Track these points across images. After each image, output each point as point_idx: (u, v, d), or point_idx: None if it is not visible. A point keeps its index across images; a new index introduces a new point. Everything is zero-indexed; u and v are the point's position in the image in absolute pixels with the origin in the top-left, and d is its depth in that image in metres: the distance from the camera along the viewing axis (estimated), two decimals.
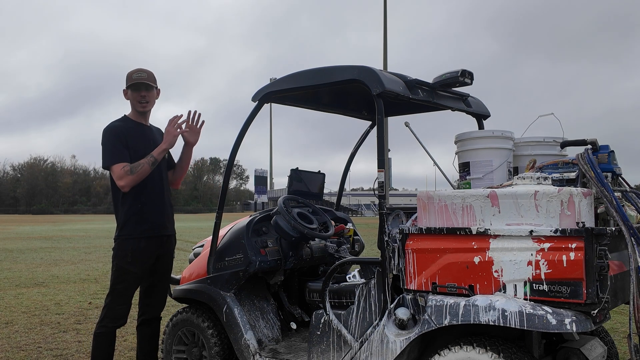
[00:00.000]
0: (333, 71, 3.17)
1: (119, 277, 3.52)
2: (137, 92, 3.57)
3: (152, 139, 3.65)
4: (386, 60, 25.88)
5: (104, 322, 3.51)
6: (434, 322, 2.66)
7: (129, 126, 3.60)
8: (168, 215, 3.67)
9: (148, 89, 3.58)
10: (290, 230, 3.65)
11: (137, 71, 3.58)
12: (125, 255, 3.49)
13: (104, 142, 3.51)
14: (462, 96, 3.61)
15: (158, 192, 3.61)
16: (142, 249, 3.50)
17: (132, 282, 3.55)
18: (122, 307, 3.54)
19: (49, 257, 13.59)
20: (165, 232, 3.64)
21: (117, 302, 3.52)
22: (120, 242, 3.53)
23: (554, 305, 2.42)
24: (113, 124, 3.60)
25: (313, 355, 3.17)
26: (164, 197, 3.65)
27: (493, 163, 3.11)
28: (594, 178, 2.65)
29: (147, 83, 3.55)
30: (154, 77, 3.63)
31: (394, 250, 2.87)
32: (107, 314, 3.52)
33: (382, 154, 2.97)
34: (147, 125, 3.71)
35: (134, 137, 3.56)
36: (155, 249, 3.59)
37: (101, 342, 3.51)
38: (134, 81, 3.54)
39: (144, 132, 3.65)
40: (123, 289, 3.52)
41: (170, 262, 3.77)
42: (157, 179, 3.61)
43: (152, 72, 3.62)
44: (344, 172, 4.66)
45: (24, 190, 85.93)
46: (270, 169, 56.04)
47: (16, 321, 6.28)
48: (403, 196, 66.88)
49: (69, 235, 22.54)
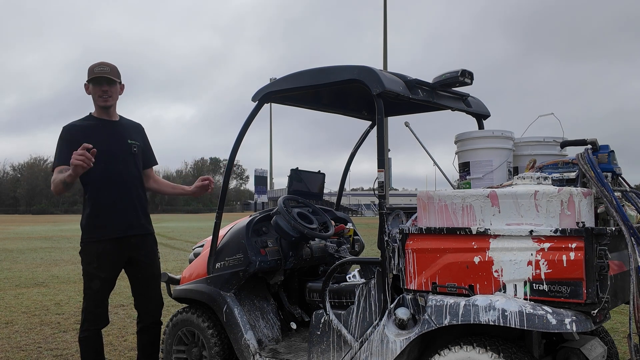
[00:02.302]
0: (333, 71, 3.17)
1: (88, 282, 3.42)
2: (99, 86, 3.41)
3: (117, 134, 3.50)
4: (386, 60, 25.90)
5: (84, 326, 3.44)
6: (434, 322, 2.66)
7: (89, 124, 3.46)
8: (136, 215, 3.50)
9: (110, 83, 3.42)
10: (290, 230, 3.65)
11: (99, 65, 3.42)
12: (92, 260, 3.38)
13: (58, 143, 3.40)
14: (462, 96, 3.61)
15: (123, 191, 3.45)
16: (107, 252, 3.37)
17: (102, 285, 3.42)
18: (98, 309, 3.44)
19: (49, 257, 13.60)
20: (132, 232, 3.47)
21: (92, 306, 3.42)
22: (84, 246, 3.42)
23: (554, 305, 2.42)
24: (70, 124, 3.48)
25: (313, 355, 3.17)
26: (130, 196, 3.48)
27: (493, 163, 3.11)
28: (594, 178, 2.65)
29: (108, 77, 3.39)
30: (118, 71, 3.48)
31: (394, 250, 2.87)
32: (86, 318, 3.43)
33: (382, 154, 2.97)
34: (112, 120, 3.54)
35: (92, 134, 3.38)
36: (124, 251, 3.45)
37: (87, 345, 3.45)
38: (96, 75, 3.38)
39: (106, 128, 3.48)
40: (94, 293, 3.41)
41: (151, 268, 3.61)
42: (122, 176, 3.44)
43: (115, 67, 3.47)
44: (344, 172, 4.66)
45: (24, 190, 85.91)
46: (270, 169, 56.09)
47: (16, 321, 6.28)
48: (403, 196, 66.89)
49: (69, 235, 22.54)
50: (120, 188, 3.44)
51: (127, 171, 3.49)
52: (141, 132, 3.73)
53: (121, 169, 3.45)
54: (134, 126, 3.69)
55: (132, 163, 3.53)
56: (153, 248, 3.66)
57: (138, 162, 3.58)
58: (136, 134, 3.64)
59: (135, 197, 3.52)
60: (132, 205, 3.49)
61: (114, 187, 3.42)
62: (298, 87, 3.33)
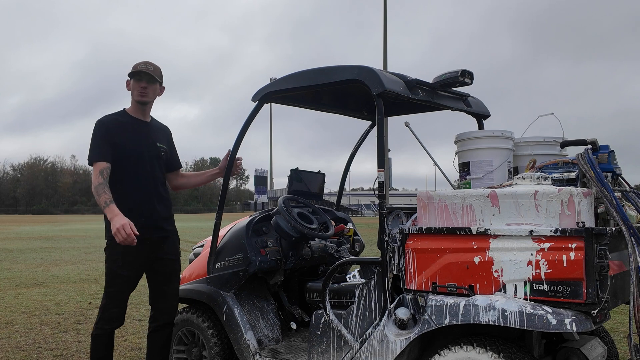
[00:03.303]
0: (333, 71, 3.17)
1: (111, 281, 3.41)
2: (139, 82, 3.43)
3: (147, 136, 3.51)
4: (386, 60, 25.87)
5: (99, 324, 3.43)
6: (434, 322, 2.66)
7: (124, 120, 3.47)
8: (161, 217, 3.51)
9: (150, 81, 3.44)
10: (290, 230, 3.65)
11: (144, 62, 3.47)
12: (116, 259, 3.37)
13: (92, 136, 3.39)
14: (462, 96, 3.61)
15: (149, 192, 3.45)
16: (132, 251, 3.35)
17: (125, 285, 3.42)
18: (116, 310, 3.42)
19: (49, 257, 13.59)
20: (157, 234, 3.48)
21: (111, 305, 3.41)
22: (110, 243, 3.40)
23: (554, 305, 2.42)
24: (106, 117, 3.48)
25: (313, 355, 3.17)
26: (156, 198, 3.49)
27: (493, 163, 3.11)
28: (594, 178, 2.65)
29: (150, 74, 3.42)
30: (161, 72, 3.52)
31: (394, 250, 2.87)
32: (102, 316, 3.42)
33: (382, 154, 2.97)
34: (144, 121, 3.56)
35: (126, 132, 3.42)
36: (148, 252, 3.45)
37: (99, 343, 3.43)
38: (138, 70, 3.42)
39: (138, 128, 3.50)
40: (115, 293, 3.41)
41: (174, 264, 3.61)
42: (149, 179, 3.45)
43: (159, 68, 3.51)
44: (344, 172, 4.66)
45: (24, 190, 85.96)
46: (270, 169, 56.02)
47: (16, 321, 6.28)
48: (403, 196, 66.86)
49: (69, 235, 22.55)
50: (147, 189, 3.46)
51: (153, 174, 3.51)
52: (168, 135, 3.75)
53: (148, 171, 3.47)
54: (163, 129, 3.71)
55: (158, 166, 3.56)
56: (176, 245, 3.66)
57: (163, 166, 3.62)
58: (164, 138, 3.66)
59: (160, 199, 3.53)
60: (157, 207, 3.50)
61: (141, 189, 3.44)
62: (298, 87, 3.33)
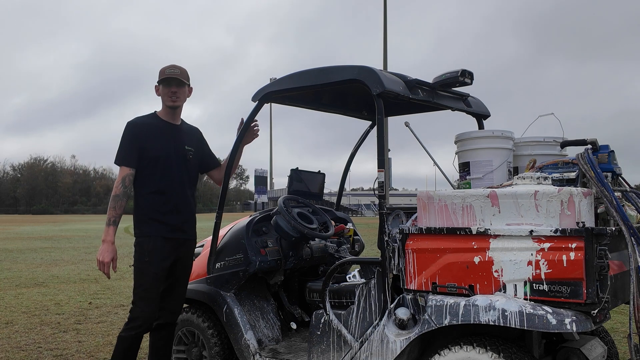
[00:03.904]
0: (333, 71, 3.17)
1: (139, 279, 3.43)
2: (168, 87, 3.51)
3: (176, 139, 3.58)
4: (386, 60, 25.87)
5: (128, 324, 3.41)
6: (434, 322, 2.65)
7: (154, 123, 3.55)
8: (186, 220, 3.58)
9: (179, 85, 3.52)
10: (290, 230, 3.65)
11: (170, 67, 3.54)
12: (143, 254, 3.43)
13: (121, 138, 3.50)
14: (462, 96, 3.60)
15: (176, 194, 3.52)
16: (158, 248, 3.42)
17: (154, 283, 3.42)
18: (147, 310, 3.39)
19: (49, 257, 13.59)
20: (182, 235, 3.54)
21: (141, 305, 3.40)
22: (138, 240, 3.48)
23: (554, 305, 2.42)
24: (137, 119, 3.57)
25: (313, 355, 3.17)
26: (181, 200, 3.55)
27: (493, 163, 3.11)
28: (594, 178, 2.65)
29: (178, 79, 3.50)
30: (187, 74, 3.59)
31: (394, 250, 2.87)
32: (130, 317, 3.42)
33: (382, 154, 2.97)
34: (175, 124, 3.63)
35: (155, 136, 3.50)
36: (172, 251, 3.48)
37: (120, 346, 3.41)
38: (166, 76, 3.49)
39: (169, 131, 3.57)
40: (144, 291, 3.41)
41: (189, 267, 3.67)
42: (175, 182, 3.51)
43: (185, 70, 3.58)
44: (344, 172, 4.66)
45: (24, 190, 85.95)
46: (270, 169, 56.01)
47: (16, 321, 6.28)
48: (403, 196, 66.82)
49: (69, 235, 22.55)
50: (173, 192, 3.51)
51: (179, 176, 3.56)
52: (199, 136, 3.78)
53: (175, 173, 3.53)
54: (193, 131, 3.75)
55: (185, 169, 3.60)
56: (193, 249, 3.70)
57: (190, 168, 3.65)
58: (194, 139, 3.70)
59: (185, 202, 3.58)
60: (182, 209, 3.55)
61: (167, 191, 3.49)
62: (298, 87, 3.33)
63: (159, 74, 3.55)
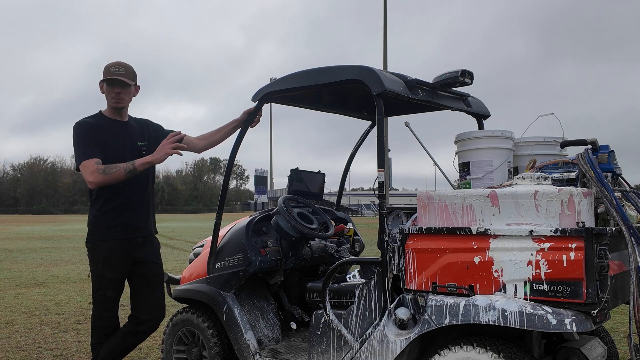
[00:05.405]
0: (333, 71, 3.17)
1: (97, 285, 3.38)
2: (112, 87, 3.38)
3: (127, 135, 3.47)
4: (386, 60, 25.88)
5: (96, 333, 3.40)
6: (434, 322, 2.66)
7: (101, 123, 3.42)
8: (143, 217, 3.49)
9: (123, 86, 3.36)
10: (290, 230, 3.65)
11: (115, 65, 3.36)
12: (98, 260, 3.36)
13: (75, 139, 3.34)
14: (462, 96, 3.61)
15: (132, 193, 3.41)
16: (114, 252, 3.34)
17: (111, 288, 3.37)
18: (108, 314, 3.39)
19: (49, 257, 13.59)
20: (138, 233, 3.46)
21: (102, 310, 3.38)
22: (92, 246, 3.40)
23: (554, 305, 2.42)
24: (83, 120, 3.42)
25: (313, 355, 3.17)
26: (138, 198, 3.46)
27: (493, 163, 3.11)
28: (594, 178, 2.65)
29: (122, 80, 3.35)
30: (134, 72, 3.44)
31: (394, 250, 2.87)
32: (95, 325, 3.39)
33: (382, 154, 2.97)
34: (122, 121, 3.51)
35: (106, 134, 3.38)
36: (130, 252, 3.41)
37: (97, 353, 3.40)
38: (110, 76, 3.35)
39: (117, 130, 3.45)
40: (102, 297, 3.37)
41: (157, 262, 3.57)
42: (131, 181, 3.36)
43: (131, 67, 3.43)
44: (344, 172, 4.66)
45: (24, 190, 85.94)
46: (270, 169, 56.06)
47: (16, 321, 6.28)
48: (403, 196, 66.85)
49: (69, 235, 22.54)
50: (130, 190, 3.42)
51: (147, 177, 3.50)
52: (151, 126, 3.66)
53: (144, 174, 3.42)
54: (142, 124, 3.64)
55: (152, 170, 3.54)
56: (157, 249, 3.63)
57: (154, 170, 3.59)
58: (146, 132, 3.60)
59: (143, 200, 3.51)
60: (140, 207, 3.48)
61: (124, 189, 3.39)
62: (298, 87, 3.33)
63: (103, 71, 3.38)
